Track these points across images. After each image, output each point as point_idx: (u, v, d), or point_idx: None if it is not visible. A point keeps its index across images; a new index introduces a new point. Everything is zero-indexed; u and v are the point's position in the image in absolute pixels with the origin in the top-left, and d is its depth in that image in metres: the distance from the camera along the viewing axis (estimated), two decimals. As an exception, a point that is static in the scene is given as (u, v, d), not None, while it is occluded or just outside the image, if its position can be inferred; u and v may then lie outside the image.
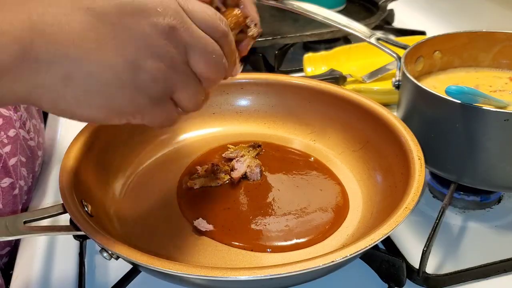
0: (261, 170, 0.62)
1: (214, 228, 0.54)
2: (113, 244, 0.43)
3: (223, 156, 0.65)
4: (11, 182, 0.64)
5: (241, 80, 0.71)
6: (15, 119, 0.67)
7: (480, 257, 0.54)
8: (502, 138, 0.53)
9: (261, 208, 0.57)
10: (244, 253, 0.52)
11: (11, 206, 0.64)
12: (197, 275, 0.41)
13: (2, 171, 0.62)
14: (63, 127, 0.83)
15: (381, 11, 1.06)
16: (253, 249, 0.52)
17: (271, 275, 0.40)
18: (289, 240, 0.53)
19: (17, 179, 0.65)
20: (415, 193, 0.48)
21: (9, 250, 0.66)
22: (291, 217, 0.56)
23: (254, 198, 0.59)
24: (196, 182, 0.60)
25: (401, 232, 0.59)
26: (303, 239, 0.53)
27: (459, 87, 0.52)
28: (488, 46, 0.68)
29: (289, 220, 0.56)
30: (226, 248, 0.53)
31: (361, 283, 0.53)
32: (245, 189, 0.60)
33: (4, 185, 0.63)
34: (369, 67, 0.84)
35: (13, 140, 0.65)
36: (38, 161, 0.72)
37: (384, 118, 0.60)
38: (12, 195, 0.64)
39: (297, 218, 0.56)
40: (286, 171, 0.63)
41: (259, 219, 0.56)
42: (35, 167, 0.71)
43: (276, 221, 0.55)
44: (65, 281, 0.54)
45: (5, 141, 0.64)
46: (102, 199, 0.56)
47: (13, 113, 0.67)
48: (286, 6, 0.75)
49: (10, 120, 0.66)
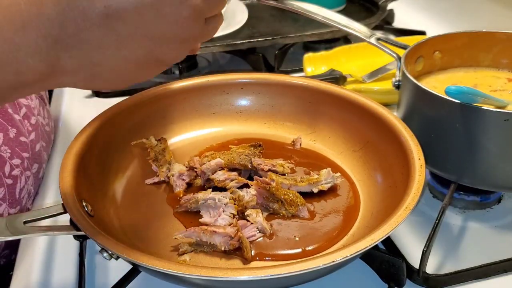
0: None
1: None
2: (113, 244, 0.43)
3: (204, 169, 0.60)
4: (38, 167, 0.68)
5: (241, 80, 0.71)
6: (33, 107, 0.70)
7: (480, 257, 0.54)
8: (502, 138, 0.53)
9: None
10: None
11: (37, 189, 0.69)
12: (197, 275, 0.41)
13: (31, 158, 0.66)
14: (64, 127, 0.83)
15: (381, 11, 1.06)
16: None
17: (271, 275, 0.40)
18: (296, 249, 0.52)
19: (42, 163, 0.70)
20: (415, 193, 0.48)
21: (7, 253, 0.67)
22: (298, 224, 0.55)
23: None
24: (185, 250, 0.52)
25: (401, 232, 0.59)
26: (311, 247, 0.52)
27: (458, 87, 0.52)
28: (488, 46, 0.68)
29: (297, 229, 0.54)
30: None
31: (361, 283, 0.53)
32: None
33: (34, 171, 0.67)
34: (369, 67, 0.84)
35: (35, 127, 0.69)
36: (51, 144, 0.76)
37: (384, 118, 0.60)
38: (39, 178, 0.69)
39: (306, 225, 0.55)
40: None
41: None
42: (49, 150, 0.75)
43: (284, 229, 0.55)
44: (65, 281, 0.54)
45: (30, 128, 0.67)
46: (102, 199, 0.56)
47: (31, 102, 0.70)
48: (286, 6, 0.75)
49: (30, 108, 0.69)
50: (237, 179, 0.58)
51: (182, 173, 0.61)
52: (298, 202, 0.56)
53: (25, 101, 0.68)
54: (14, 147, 0.63)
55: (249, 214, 0.54)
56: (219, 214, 0.54)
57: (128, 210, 0.57)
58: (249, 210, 0.55)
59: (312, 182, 0.58)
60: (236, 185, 0.58)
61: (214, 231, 0.51)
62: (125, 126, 0.63)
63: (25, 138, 0.66)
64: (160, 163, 0.62)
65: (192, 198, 0.56)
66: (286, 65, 0.99)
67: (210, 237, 0.51)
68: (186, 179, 0.60)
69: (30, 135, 0.67)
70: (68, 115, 0.86)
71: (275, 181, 0.57)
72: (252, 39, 0.96)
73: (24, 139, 0.65)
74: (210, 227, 0.52)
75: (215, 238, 0.51)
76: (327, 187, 0.58)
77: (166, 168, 0.62)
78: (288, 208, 0.55)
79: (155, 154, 0.63)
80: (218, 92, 0.70)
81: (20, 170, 0.64)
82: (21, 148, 0.64)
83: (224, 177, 0.58)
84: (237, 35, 0.96)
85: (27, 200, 0.66)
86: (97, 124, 0.60)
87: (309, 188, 0.58)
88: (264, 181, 0.56)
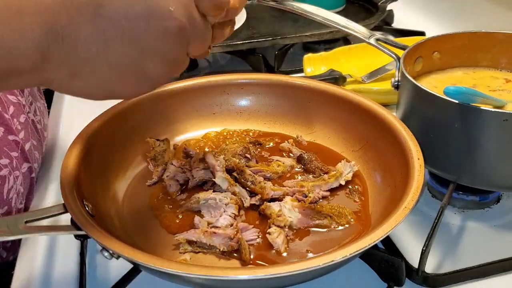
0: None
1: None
2: (114, 244, 0.44)
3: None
4: (29, 167, 0.67)
5: (242, 81, 0.71)
6: (23, 104, 0.69)
7: (479, 257, 0.55)
8: (501, 138, 0.54)
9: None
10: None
11: (29, 188, 0.67)
12: (197, 275, 0.41)
13: (21, 157, 0.65)
14: (64, 128, 0.83)
15: (380, 12, 1.07)
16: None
17: (271, 274, 0.41)
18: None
19: (33, 162, 0.68)
20: (414, 193, 0.48)
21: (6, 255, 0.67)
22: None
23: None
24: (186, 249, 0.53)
25: (401, 231, 0.59)
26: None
27: (457, 87, 0.52)
28: (487, 46, 0.68)
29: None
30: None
31: (361, 283, 0.53)
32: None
33: (24, 170, 0.66)
34: (369, 68, 0.84)
35: (25, 126, 0.68)
36: (45, 142, 0.75)
37: (384, 118, 0.60)
38: (30, 177, 0.67)
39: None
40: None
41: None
42: (43, 148, 0.74)
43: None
44: (66, 280, 0.54)
45: (19, 127, 0.66)
46: (103, 198, 0.56)
47: (21, 99, 0.69)
48: (286, 7, 0.76)
49: (19, 106, 0.68)
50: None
51: (176, 174, 0.61)
52: (345, 212, 0.55)
53: (15, 98, 0.67)
54: (2, 146, 0.62)
55: (271, 232, 0.52)
56: (220, 214, 0.55)
57: (129, 210, 0.58)
58: (273, 228, 0.53)
59: (337, 176, 0.59)
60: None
61: (214, 233, 0.51)
62: (125, 126, 0.64)
63: (14, 136, 0.64)
64: (157, 163, 0.63)
65: (193, 198, 0.57)
66: (286, 65, 1.00)
67: (210, 238, 0.51)
68: (180, 180, 0.61)
69: (19, 133, 0.66)
70: (69, 115, 0.86)
71: (305, 187, 0.57)
72: (252, 39, 0.96)
73: (12, 138, 0.64)
74: (210, 228, 0.52)
75: (215, 240, 0.51)
76: (350, 177, 0.60)
77: (162, 169, 0.62)
78: (339, 220, 0.54)
79: (155, 154, 0.64)
80: (218, 92, 0.70)
81: (9, 170, 0.62)
82: (9, 148, 0.63)
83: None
84: (237, 35, 0.96)
85: (16, 200, 0.64)
86: (98, 124, 0.60)
87: (337, 182, 0.59)
88: (307, 201, 0.55)
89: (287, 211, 0.54)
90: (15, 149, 0.64)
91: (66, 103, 0.90)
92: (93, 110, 0.63)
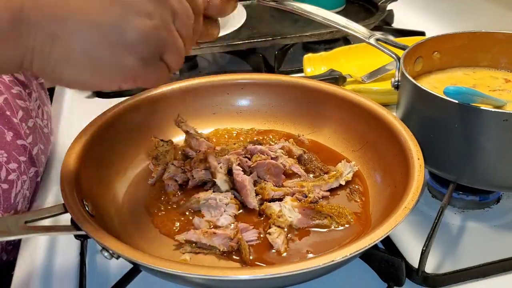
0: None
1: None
2: (114, 244, 0.44)
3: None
4: (35, 171, 0.67)
5: (242, 81, 0.71)
6: (31, 109, 0.69)
7: (479, 257, 0.55)
8: (501, 138, 0.54)
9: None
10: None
11: (33, 193, 0.67)
12: (197, 275, 0.41)
13: (29, 162, 0.65)
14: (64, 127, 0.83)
15: (380, 12, 1.07)
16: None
17: (271, 274, 0.41)
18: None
19: (39, 166, 0.68)
20: (414, 193, 0.48)
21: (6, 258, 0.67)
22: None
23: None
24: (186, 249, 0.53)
25: (401, 231, 0.59)
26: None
27: (457, 87, 0.52)
28: (487, 46, 0.68)
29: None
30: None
31: (361, 283, 0.53)
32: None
33: (31, 175, 0.66)
34: (369, 68, 0.84)
35: (33, 130, 0.68)
36: (50, 146, 0.75)
37: (384, 118, 0.60)
38: (36, 181, 0.68)
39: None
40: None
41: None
42: (48, 152, 0.74)
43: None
44: (66, 280, 0.54)
45: (27, 132, 0.66)
46: (103, 198, 0.56)
47: (29, 103, 0.69)
48: (286, 7, 0.76)
49: (28, 111, 0.68)
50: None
51: (175, 174, 0.61)
52: (345, 212, 0.55)
53: (23, 103, 0.67)
54: (11, 150, 0.62)
55: (271, 232, 0.52)
56: (220, 213, 0.55)
57: (129, 210, 0.58)
58: (274, 228, 0.53)
59: (338, 176, 0.59)
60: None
61: (214, 233, 0.51)
62: (125, 126, 0.64)
63: (22, 141, 0.64)
64: (158, 162, 0.63)
65: (193, 198, 0.57)
66: (286, 65, 1.00)
67: (210, 239, 0.51)
68: (179, 180, 0.61)
69: (28, 138, 0.66)
70: (69, 116, 0.86)
71: (306, 187, 0.57)
72: (252, 39, 0.96)
73: (21, 142, 0.64)
74: (210, 229, 0.52)
75: (215, 240, 0.51)
76: (350, 177, 0.60)
77: (162, 168, 0.62)
78: (339, 220, 0.54)
79: (157, 153, 0.64)
80: (218, 92, 0.71)
81: (17, 175, 0.62)
82: (18, 152, 0.63)
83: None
84: (237, 35, 0.96)
85: (22, 204, 0.64)
86: (98, 124, 0.60)
87: (337, 183, 0.59)
88: (307, 201, 0.56)
89: (287, 211, 0.54)
90: (23, 153, 0.64)
91: (66, 103, 0.90)
92: (93, 110, 0.63)
